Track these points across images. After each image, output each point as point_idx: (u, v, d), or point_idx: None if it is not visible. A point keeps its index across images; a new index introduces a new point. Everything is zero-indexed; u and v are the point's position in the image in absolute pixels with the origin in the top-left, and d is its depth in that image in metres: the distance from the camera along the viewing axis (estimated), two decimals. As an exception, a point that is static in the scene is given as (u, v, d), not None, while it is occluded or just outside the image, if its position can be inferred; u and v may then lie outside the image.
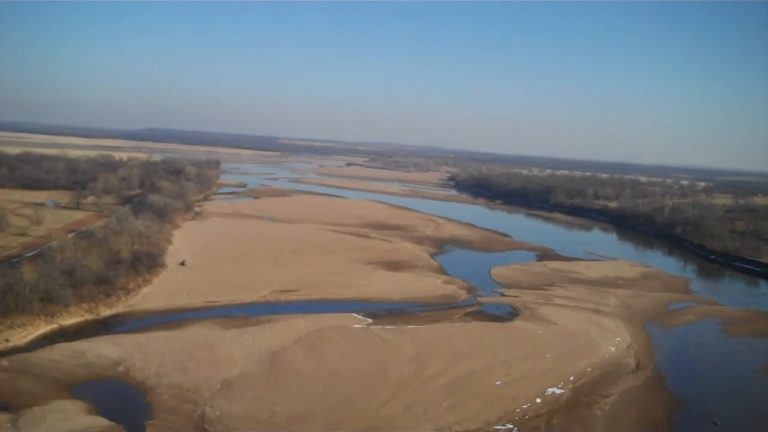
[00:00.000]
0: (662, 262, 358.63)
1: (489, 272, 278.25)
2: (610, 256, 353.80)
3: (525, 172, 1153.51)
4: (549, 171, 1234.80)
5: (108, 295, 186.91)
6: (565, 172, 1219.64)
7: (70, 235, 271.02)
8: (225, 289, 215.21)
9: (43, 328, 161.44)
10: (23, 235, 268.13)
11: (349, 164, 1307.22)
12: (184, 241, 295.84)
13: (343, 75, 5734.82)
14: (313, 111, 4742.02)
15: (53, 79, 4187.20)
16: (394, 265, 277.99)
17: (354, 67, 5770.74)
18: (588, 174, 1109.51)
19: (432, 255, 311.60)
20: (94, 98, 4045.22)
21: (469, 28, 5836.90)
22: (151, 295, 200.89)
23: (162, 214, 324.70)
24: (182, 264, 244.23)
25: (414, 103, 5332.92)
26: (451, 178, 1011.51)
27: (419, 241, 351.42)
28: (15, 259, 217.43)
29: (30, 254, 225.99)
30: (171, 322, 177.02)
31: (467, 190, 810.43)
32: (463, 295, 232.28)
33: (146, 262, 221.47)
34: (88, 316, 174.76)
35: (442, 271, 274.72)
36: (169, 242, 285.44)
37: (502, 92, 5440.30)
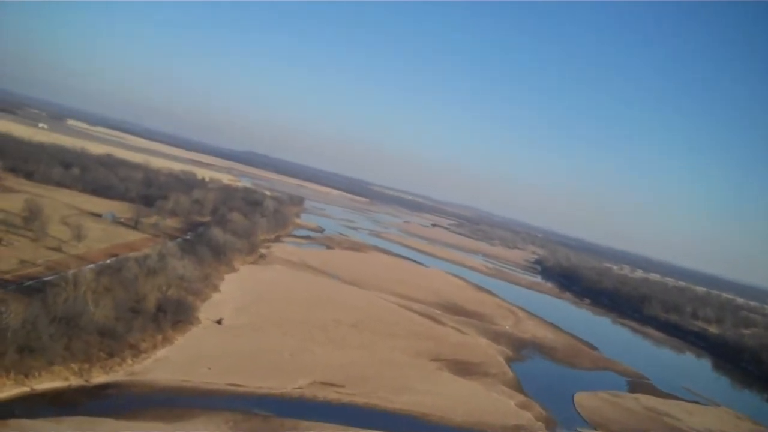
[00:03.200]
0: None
1: (572, 398, 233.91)
2: (713, 399, 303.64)
3: (615, 268, 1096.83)
4: (640, 272, 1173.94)
5: (110, 355, 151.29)
6: (657, 276, 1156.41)
7: (109, 260, 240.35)
8: (257, 367, 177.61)
9: (9, 390, 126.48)
10: (57, 250, 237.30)
11: (434, 225, 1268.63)
12: (233, 290, 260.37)
13: (444, 133, 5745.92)
14: (408, 162, 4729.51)
15: (164, 87, 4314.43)
16: (463, 367, 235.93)
17: (455, 126, 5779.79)
18: (682, 284, 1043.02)
19: (508, 360, 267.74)
20: (204, 112, 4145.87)
21: (574, 105, 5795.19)
22: (166, 361, 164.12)
23: (219, 253, 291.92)
24: (218, 322, 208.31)
25: (510, 171, 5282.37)
26: (537, 262, 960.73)
27: (496, 337, 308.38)
28: (26, 282, 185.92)
29: (50, 277, 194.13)
30: (172, 408, 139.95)
31: (554, 279, 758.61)
32: (540, 430, 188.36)
33: (173, 315, 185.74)
34: (74, 381, 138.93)
35: (517, 386, 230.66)
36: (216, 289, 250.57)
37: (599, 176, 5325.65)
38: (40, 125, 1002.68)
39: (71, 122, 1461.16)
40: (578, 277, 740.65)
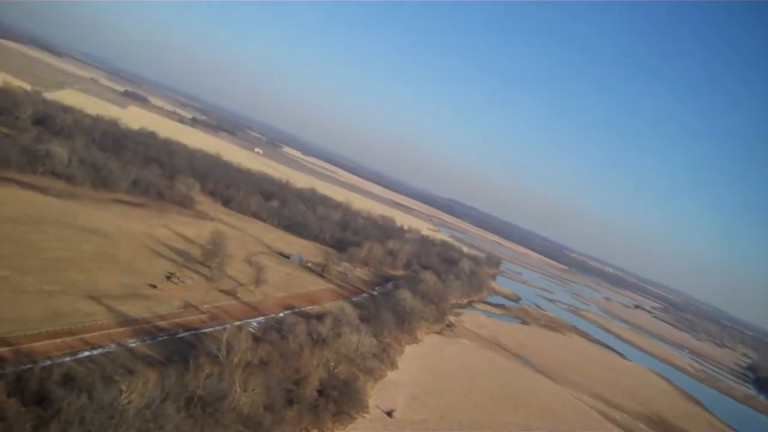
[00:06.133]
0: None
1: None
2: None
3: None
4: None
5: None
6: None
7: (282, 314, 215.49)
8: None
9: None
10: (230, 294, 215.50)
11: (636, 306, 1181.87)
12: (413, 368, 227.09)
13: (653, 207, 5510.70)
14: (615, 233, 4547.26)
15: (379, 126, 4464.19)
16: None
17: (670, 203, 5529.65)
18: None
19: None
20: (414, 154, 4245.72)
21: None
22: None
23: (402, 320, 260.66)
24: (389, 414, 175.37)
25: (726, 259, 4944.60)
26: (749, 368, 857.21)
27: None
28: (180, 333, 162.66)
29: (208, 329, 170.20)
30: None
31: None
32: None
33: (337, 402, 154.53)
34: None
35: None
36: (393, 366, 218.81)
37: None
38: (256, 150, 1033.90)
39: (286, 149, 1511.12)
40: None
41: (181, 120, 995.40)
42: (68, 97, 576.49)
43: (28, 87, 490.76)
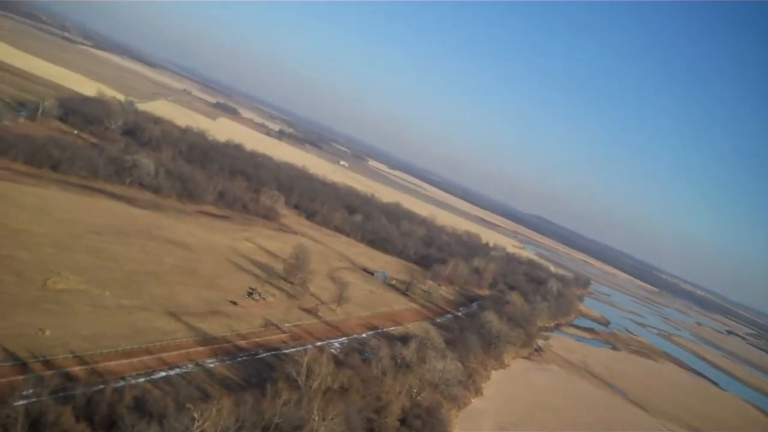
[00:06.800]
0: None
1: None
2: None
3: None
4: None
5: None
6: None
7: (365, 334, 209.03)
8: None
9: None
10: (311, 313, 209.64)
11: (729, 332, 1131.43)
12: (499, 396, 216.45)
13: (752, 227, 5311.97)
14: (706, 255, 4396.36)
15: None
16: None
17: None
18: None
19: None
20: (502, 170, 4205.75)
21: None
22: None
23: (489, 345, 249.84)
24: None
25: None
26: None
27: None
28: (260, 353, 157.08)
29: (290, 350, 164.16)
30: None
31: None
32: None
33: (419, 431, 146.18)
34: None
35: None
36: (478, 393, 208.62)
37: None
38: (341, 163, 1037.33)
39: (372, 163, 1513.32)
40: None
41: (268, 132, 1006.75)
42: (161, 107, 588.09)
43: (122, 97, 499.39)
